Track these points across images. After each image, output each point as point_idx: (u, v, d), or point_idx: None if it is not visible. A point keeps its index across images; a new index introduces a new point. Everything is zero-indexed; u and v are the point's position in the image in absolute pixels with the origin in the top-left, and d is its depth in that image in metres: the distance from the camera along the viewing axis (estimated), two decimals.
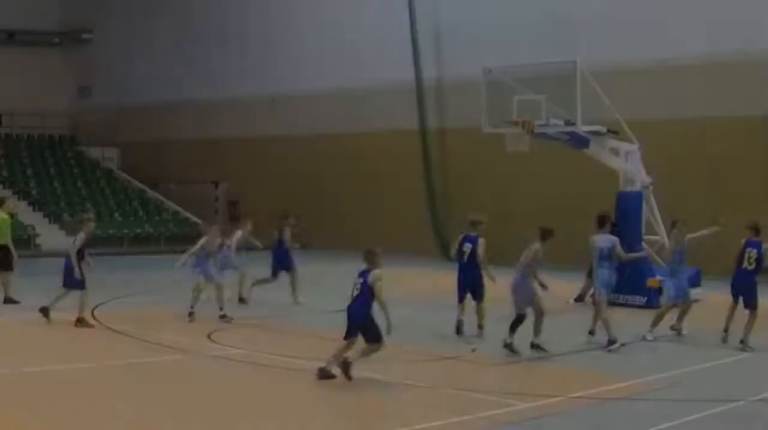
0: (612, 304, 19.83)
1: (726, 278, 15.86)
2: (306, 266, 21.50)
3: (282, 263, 19.95)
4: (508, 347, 14.05)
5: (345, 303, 12.16)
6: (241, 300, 19.59)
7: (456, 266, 16.77)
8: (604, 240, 15.67)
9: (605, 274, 15.52)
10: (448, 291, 18.04)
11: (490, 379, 12.80)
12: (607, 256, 15.50)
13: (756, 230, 15.50)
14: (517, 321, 14.20)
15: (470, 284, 16.31)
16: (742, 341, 14.81)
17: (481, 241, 16.33)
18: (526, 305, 14.33)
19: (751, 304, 15.10)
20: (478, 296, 16.30)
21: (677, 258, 16.27)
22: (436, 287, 22.46)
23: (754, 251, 15.04)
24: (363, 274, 12.11)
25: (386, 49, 33.77)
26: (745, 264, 15.10)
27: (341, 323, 16.45)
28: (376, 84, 34.06)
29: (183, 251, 18.06)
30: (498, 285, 15.53)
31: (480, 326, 16.09)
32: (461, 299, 16.38)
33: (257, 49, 38.35)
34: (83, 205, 38.35)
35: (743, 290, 15.17)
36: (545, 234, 14.81)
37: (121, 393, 11.36)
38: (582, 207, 26.33)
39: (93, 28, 45.72)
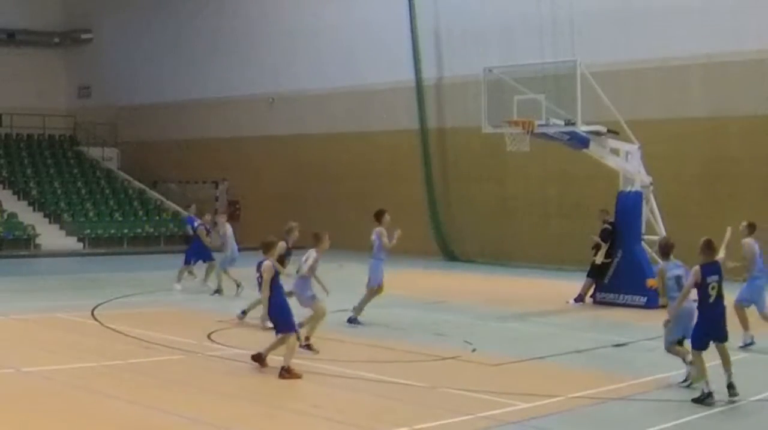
0: (612, 304, 19.96)
1: (726, 278, 15.71)
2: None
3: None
4: None
5: (345, 303, 12.30)
6: None
7: None
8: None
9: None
10: (449, 291, 18.17)
11: (490, 379, 12.79)
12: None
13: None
14: None
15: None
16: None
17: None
18: None
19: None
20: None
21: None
22: (437, 287, 22.49)
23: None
24: None
25: (386, 49, 33.78)
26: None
27: (341, 323, 16.50)
28: (376, 84, 34.07)
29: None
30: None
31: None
32: None
33: (257, 49, 38.33)
34: (83, 205, 38.43)
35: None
36: None
37: (120, 393, 11.35)
38: (582, 207, 26.46)
39: (93, 28, 45.75)
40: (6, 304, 19.18)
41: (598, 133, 20.51)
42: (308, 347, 13.96)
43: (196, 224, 25.48)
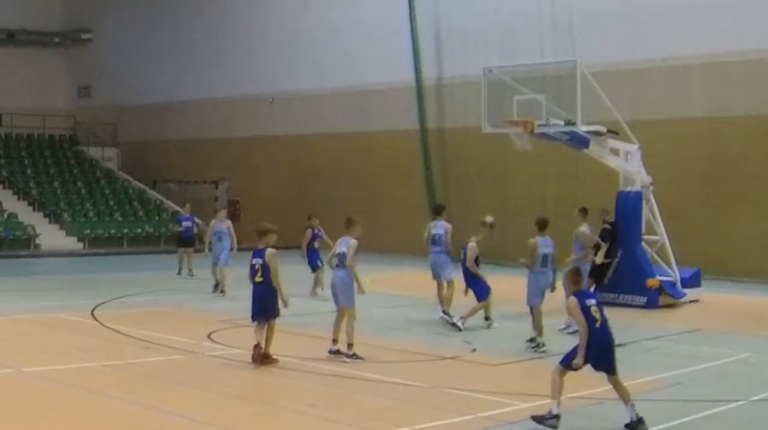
0: (612, 304, 19.93)
1: (726, 277, 15.77)
2: (305, 266, 21.53)
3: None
4: None
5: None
6: None
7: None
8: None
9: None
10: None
11: (490, 379, 12.79)
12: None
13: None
14: None
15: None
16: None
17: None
18: None
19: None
20: None
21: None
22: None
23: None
24: None
25: (386, 49, 33.79)
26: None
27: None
28: (376, 84, 34.07)
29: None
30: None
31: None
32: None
33: (257, 49, 38.35)
34: (83, 205, 38.42)
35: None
36: None
37: (120, 393, 11.35)
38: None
39: (93, 28, 45.78)
40: (6, 304, 19.18)
41: (598, 133, 20.50)
42: (355, 355, 13.37)
43: (188, 222, 25.45)
